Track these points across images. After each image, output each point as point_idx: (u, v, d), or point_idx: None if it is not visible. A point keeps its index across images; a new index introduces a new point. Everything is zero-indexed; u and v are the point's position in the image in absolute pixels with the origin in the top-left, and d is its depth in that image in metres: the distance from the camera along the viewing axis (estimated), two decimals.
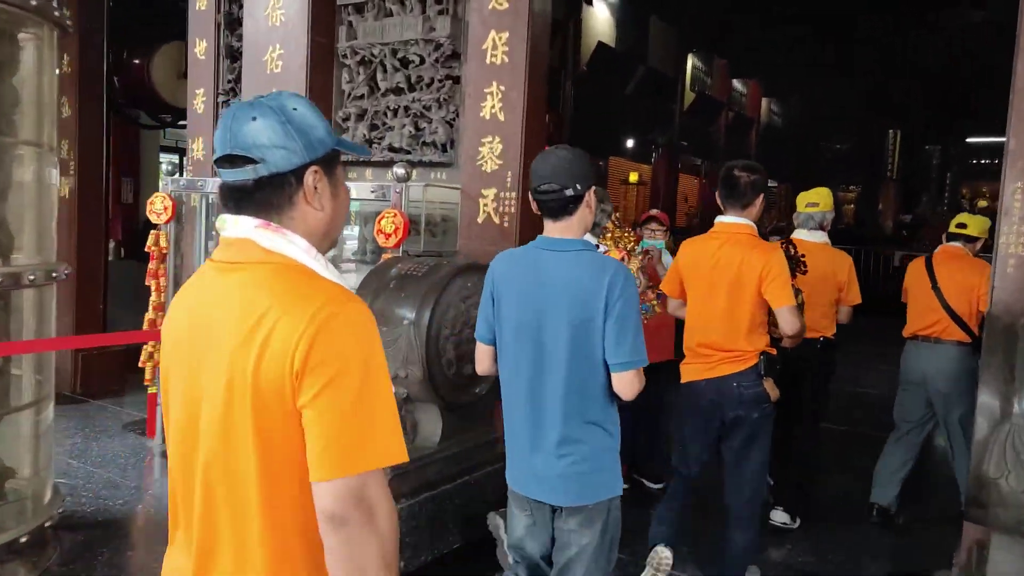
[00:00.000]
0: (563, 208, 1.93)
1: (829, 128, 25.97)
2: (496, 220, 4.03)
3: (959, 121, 21.86)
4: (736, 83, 20.69)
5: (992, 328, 2.83)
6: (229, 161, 1.13)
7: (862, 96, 23.07)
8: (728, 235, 2.81)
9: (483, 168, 4.07)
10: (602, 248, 3.57)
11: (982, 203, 21.27)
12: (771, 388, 2.75)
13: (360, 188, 4.09)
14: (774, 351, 2.80)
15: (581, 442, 1.92)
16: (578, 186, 1.91)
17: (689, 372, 2.86)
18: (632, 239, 3.94)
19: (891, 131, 23.92)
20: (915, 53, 17.14)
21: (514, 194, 3.97)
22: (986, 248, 3.64)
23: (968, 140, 24.07)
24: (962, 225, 3.88)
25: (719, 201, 2.89)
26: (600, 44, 13.06)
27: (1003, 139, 2.79)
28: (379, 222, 3.73)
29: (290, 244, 1.14)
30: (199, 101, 5.22)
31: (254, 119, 1.11)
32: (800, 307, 2.79)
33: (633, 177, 16.53)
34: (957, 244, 3.86)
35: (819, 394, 3.98)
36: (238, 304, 1.10)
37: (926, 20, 15.11)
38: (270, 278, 1.11)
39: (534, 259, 1.97)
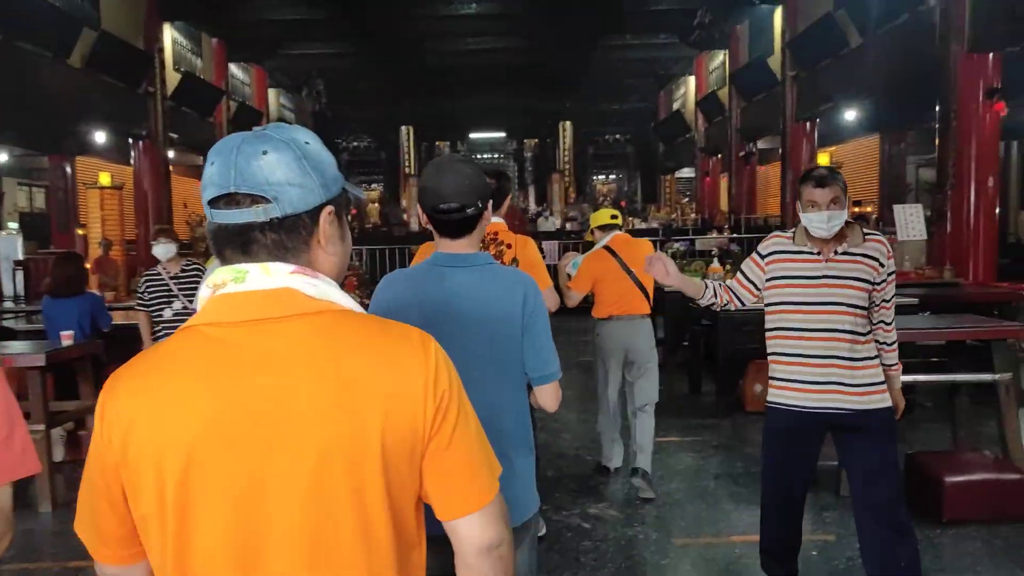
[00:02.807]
0: (466, 226, 1.82)
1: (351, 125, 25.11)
2: None
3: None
4: (235, 67, 17.81)
5: None
6: (232, 200, 0.96)
7: (377, 92, 22.63)
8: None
9: None
10: None
11: None
12: None
13: None
14: None
15: (524, 460, 1.84)
16: (479, 203, 1.82)
17: None
18: None
19: (404, 128, 23.83)
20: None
21: None
22: None
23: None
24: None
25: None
26: None
27: None
28: None
29: (336, 290, 1.00)
30: None
31: (265, 153, 0.96)
32: None
33: (104, 179, 12.56)
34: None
35: None
36: (315, 363, 0.93)
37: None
38: (346, 325, 0.97)
39: (437, 276, 1.81)
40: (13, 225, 19.94)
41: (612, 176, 26.65)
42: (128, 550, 1.00)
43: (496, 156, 26.17)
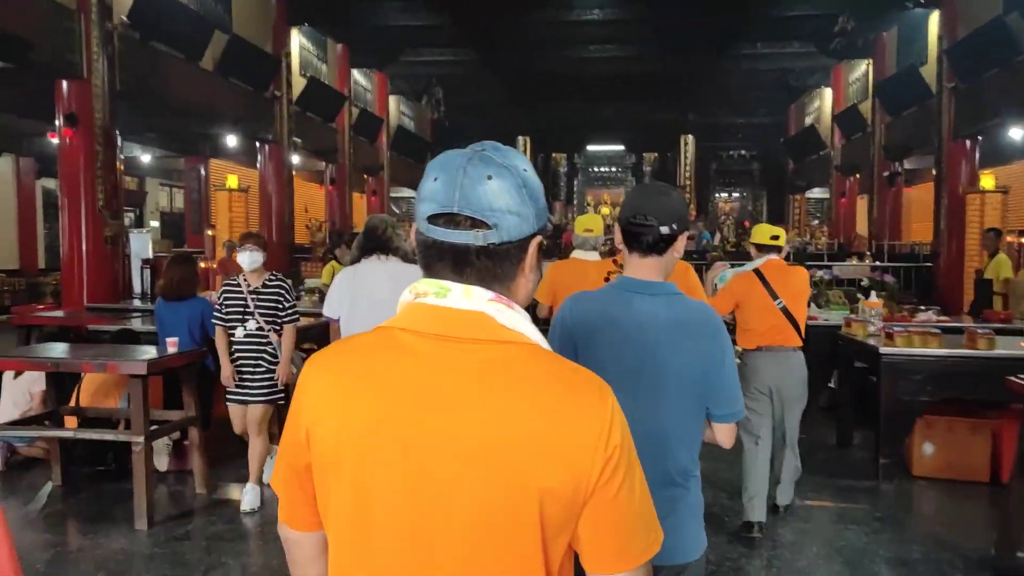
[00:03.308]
0: (657, 245, 1.80)
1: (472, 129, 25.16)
2: None
3: None
4: (357, 73, 18.05)
5: None
6: (452, 220, 0.97)
7: (495, 102, 22.53)
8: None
9: None
10: None
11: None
12: None
13: None
14: None
15: (692, 493, 1.80)
16: (674, 226, 1.80)
17: None
18: None
19: (521, 138, 23.55)
20: None
21: None
22: None
23: None
24: None
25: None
26: None
27: None
28: None
29: (527, 323, 1.00)
30: None
31: (490, 178, 0.97)
32: None
33: (232, 181, 12.88)
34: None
35: None
36: (492, 392, 0.94)
37: None
38: (529, 363, 0.97)
39: (625, 301, 1.79)
40: (154, 224, 21.18)
41: (736, 194, 25.36)
42: (306, 517, 1.05)
43: (614, 169, 25.49)
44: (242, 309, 4.35)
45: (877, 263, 13.28)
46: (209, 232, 12.98)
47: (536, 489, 0.91)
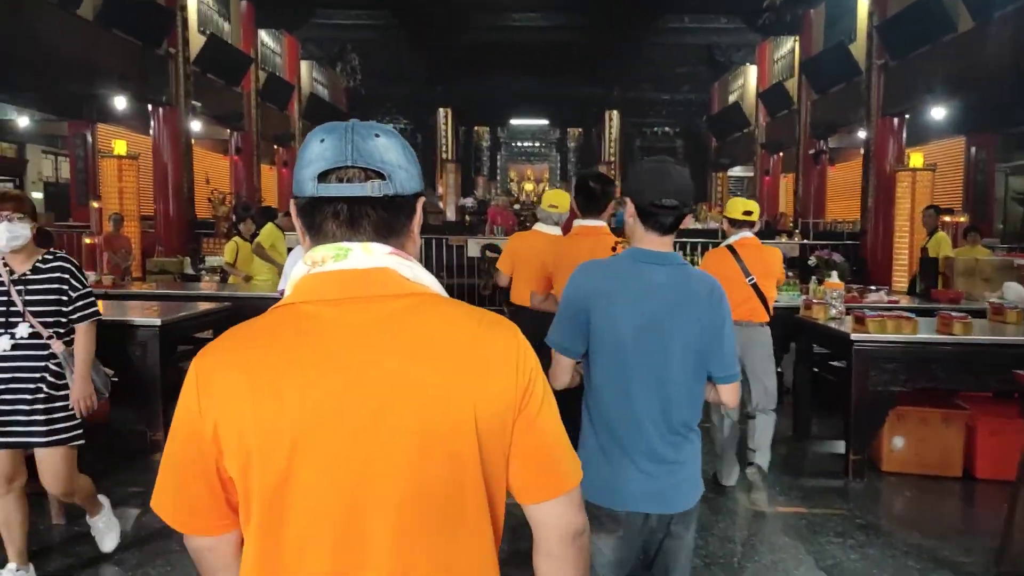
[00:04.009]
0: (676, 224, 1.91)
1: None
2: None
3: None
4: (264, 35, 16.70)
5: None
6: (345, 175, 0.98)
7: (414, 71, 21.45)
8: (594, 236, 3.42)
9: None
10: None
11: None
12: None
13: None
14: None
15: (693, 444, 1.94)
16: (692, 204, 1.96)
17: None
18: None
19: (443, 110, 22.63)
20: None
21: None
22: None
23: None
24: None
25: (576, 207, 3.54)
26: None
27: None
28: None
29: (428, 275, 1.03)
30: None
31: (377, 136, 1.00)
32: None
33: (119, 147, 11.50)
34: None
35: None
36: (411, 342, 0.96)
37: None
38: (437, 308, 1.00)
39: (637, 272, 1.90)
40: (37, 195, 19.20)
41: None
42: (218, 520, 1.00)
43: (538, 144, 24.80)
44: (4, 309, 2.92)
45: (804, 241, 13.18)
46: (94, 204, 11.61)
47: (470, 413, 0.95)
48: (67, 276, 3.01)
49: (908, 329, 4.45)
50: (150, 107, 12.15)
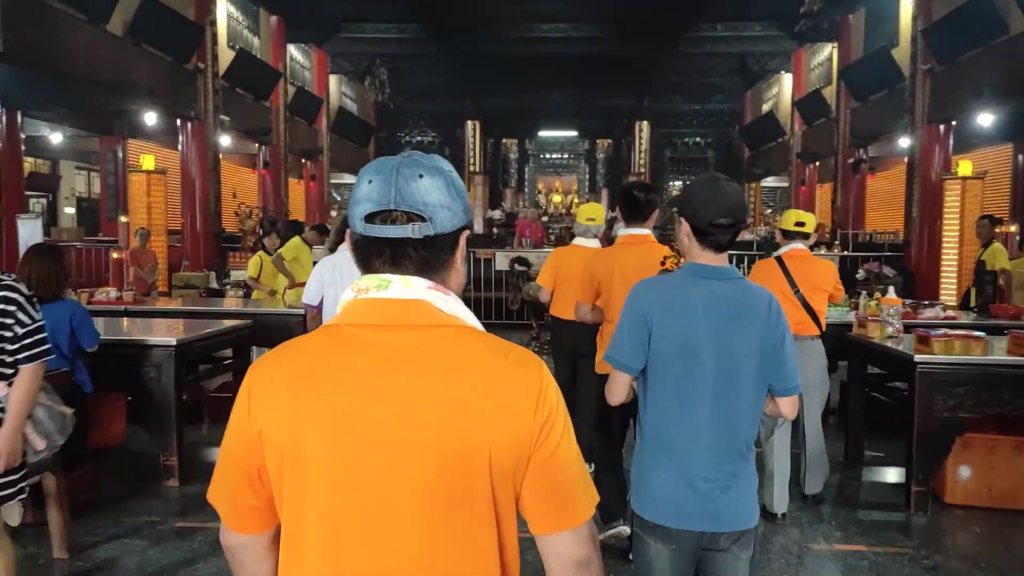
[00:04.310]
0: (732, 241, 1.93)
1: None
2: None
3: None
4: (293, 49, 16.71)
5: None
6: (389, 217, 1.05)
7: (442, 84, 21.38)
8: (641, 244, 3.37)
9: None
10: None
11: None
12: None
13: None
14: None
15: (749, 463, 1.92)
16: (746, 220, 2.00)
17: None
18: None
19: (471, 123, 22.50)
20: None
21: None
22: None
23: None
24: None
25: (621, 215, 3.50)
26: None
27: None
28: None
29: (463, 308, 1.10)
30: None
31: (421, 176, 1.05)
32: None
33: (148, 162, 11.49)
34: None
35: None
36: (442, 368, 1.03)
37: None
38: (467, 340, 1.06)
39: (699, 287, 1.90)
40: (69, 210, 19.42)
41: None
42: (257, 520, 1.07)
43: (566, 156, 24.51)
44: None
45: (844, 253, 12.72)
46: (122, 219, 11.58)
47: (485, 443, 0.99)
48: (12, 308, 2.53)
49: (978, 350, 4.08)
50: (179, 122, 12.13)
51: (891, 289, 5.02)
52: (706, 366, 1.83)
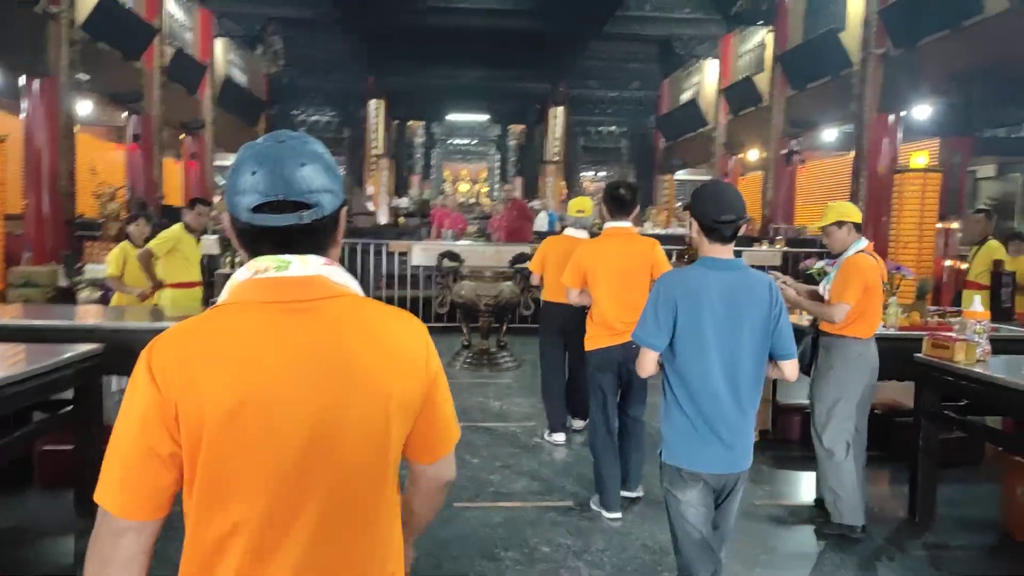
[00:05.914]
0: (734, 235, 2.35)
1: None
2: None
3: None
4: (173, 5, 14.42)
5: None
6: (277, 207, 1.11)
7: (343, 58, 19.40)
8: (622, 236, 3.94)
9: None
10: None
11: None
12: None
13: None
14: None
15: (752, 418, 2.40)
16: (745, 215, 2.37)
17: (601, 340, 3.85)
18: None
19: (374, 102, 20.63)
20: None
21: None
22: None
23: None
24: None
25: (606, 211, 4.01)
26: None
27: None
28: None
29: (351, 279, 1.20)
30: None
31: (303, 165, 1.12)
32: None
33: None
34: None
35: None
36: (350, 331, 1.14)
37: None
38: (366, 306, 1.19)
39: (713, 277, 2.34)
40: None
41: (603, 173, 23.71)
42: (155, 502, 1.08)
43: (476, 142, 22.92)
44: None
45: (787, 249, 11.96)
46: None
47: (397, 390, 1.15)
48: None
49: None
50: (23, 79, 9.83)
51: (977, 299, 3.90)
52: (722, 340, 2.31)
